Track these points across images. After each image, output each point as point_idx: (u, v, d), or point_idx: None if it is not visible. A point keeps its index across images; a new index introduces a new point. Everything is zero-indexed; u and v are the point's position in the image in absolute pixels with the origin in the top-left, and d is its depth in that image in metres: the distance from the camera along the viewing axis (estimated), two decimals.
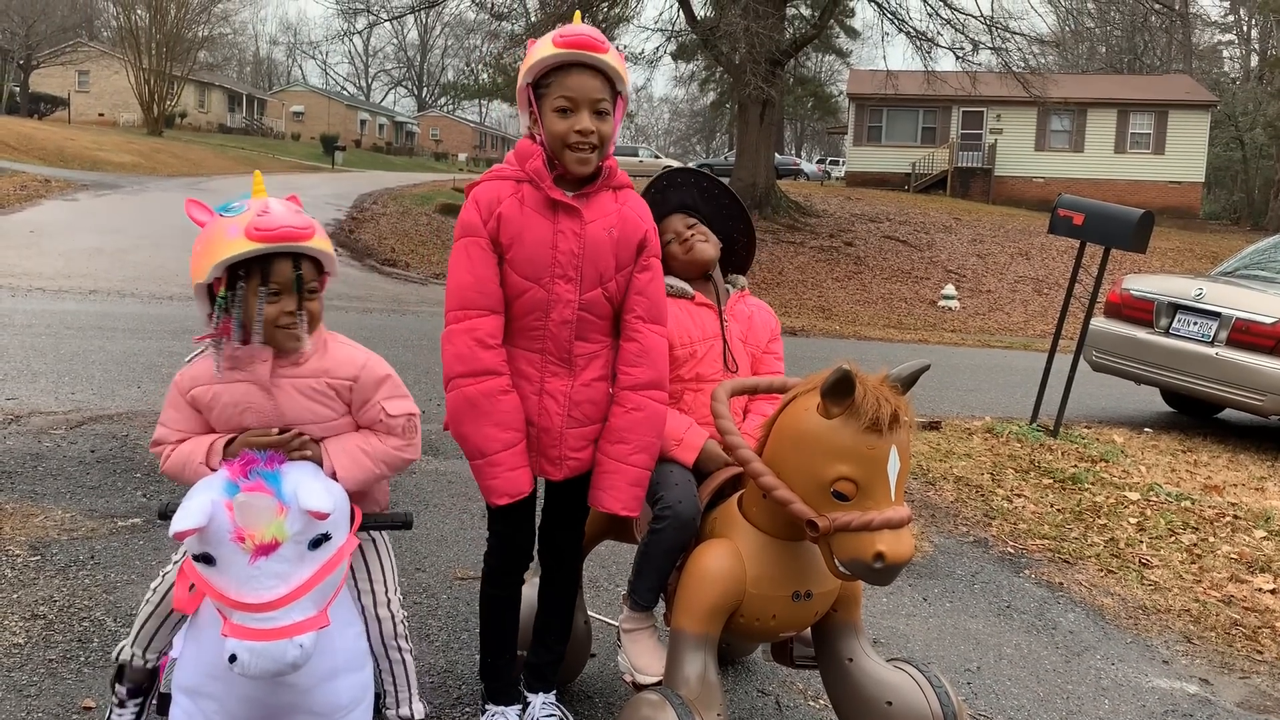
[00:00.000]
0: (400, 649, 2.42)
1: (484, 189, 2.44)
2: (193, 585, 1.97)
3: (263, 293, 2.11)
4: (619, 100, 2.43)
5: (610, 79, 2.39)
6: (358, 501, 2.22)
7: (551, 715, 2.66)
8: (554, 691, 2.74)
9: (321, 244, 2.16)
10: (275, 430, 2.17)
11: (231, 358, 2.16)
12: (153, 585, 2.35)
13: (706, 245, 2.78)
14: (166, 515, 2.11)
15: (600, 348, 2.51)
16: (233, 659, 1.88)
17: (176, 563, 2.28)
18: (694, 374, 2.72)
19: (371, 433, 2.27)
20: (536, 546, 2.70)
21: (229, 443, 2.17)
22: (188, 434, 2.23)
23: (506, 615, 2.67)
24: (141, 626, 2.34)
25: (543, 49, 2.37)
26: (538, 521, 2.67)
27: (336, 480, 2.16)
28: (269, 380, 2.17)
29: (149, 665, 2.37)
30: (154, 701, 2.45)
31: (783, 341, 2.96)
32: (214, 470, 2.10)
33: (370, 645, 2.37)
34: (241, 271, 2.09)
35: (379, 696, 2.48)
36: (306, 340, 2.15)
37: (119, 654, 2.39)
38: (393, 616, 2.39)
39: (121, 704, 2.41)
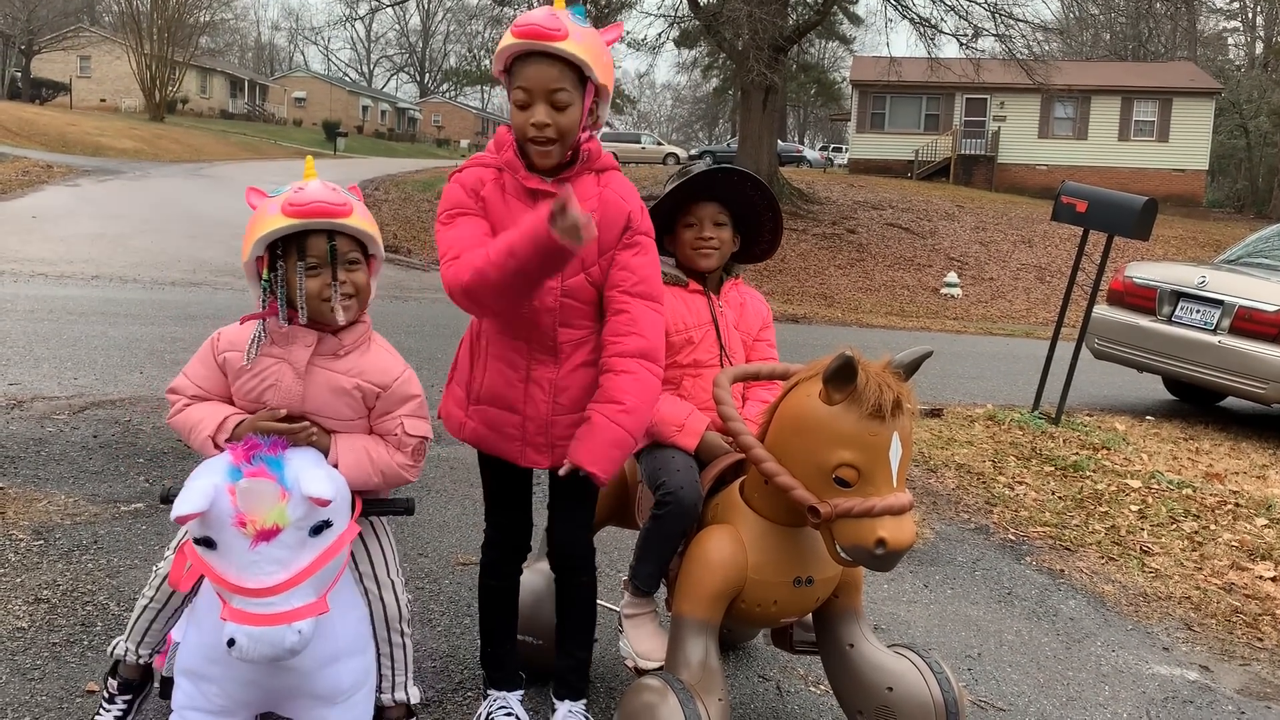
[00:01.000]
0: (402, 633, 2.43)
1: (467, 174, 2.41)
2: (189, 565, 1.98)
3: (300, 268, 2.14)
4: (589, 86, 2.30)
5: (576, 67, 2.26)
6: (357, 490, 2.23)
7: None
8: (583, 700, 2.65)
9: (360, 223, 2.19)
10: (282, 412, 2.18)
11: (276, 333, 2.20)
12: (152, 573, 2.36)
13: (711, 259, 2.76)
14: (169, 499, 2.12)
15: (586, 334, 2.45)
16: (231, 643, 1.88)
17: (172, 551, 2.29)
18: (691, 360, 2.73)
19: (382, 441, 2.29)
20: (548, 552, 2.66)
21: (239, 424, 2.18)
22: (205, 393, 2.25)
23: (506, 605, 2.65)
24: (137, 619, 2.34)
25: (505, 37, 2.31)
26: (540, 518, 2.65)
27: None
28: (303, 366, 2.20)
29: (142, 661, 2.37)
30: (144, 700, 2.45)
31: (774, 329, 2.98)
32: (220, 448, 2.11)
33: (373, 629, 2.38)
34: (279, 249, 2.15)
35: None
36: (340, 312, 2.17)
37: (113, 649, 2.39)
38: (396, 600, 2.40)
39: (110, 699, 2.41)
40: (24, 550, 3.52)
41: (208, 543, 1.93)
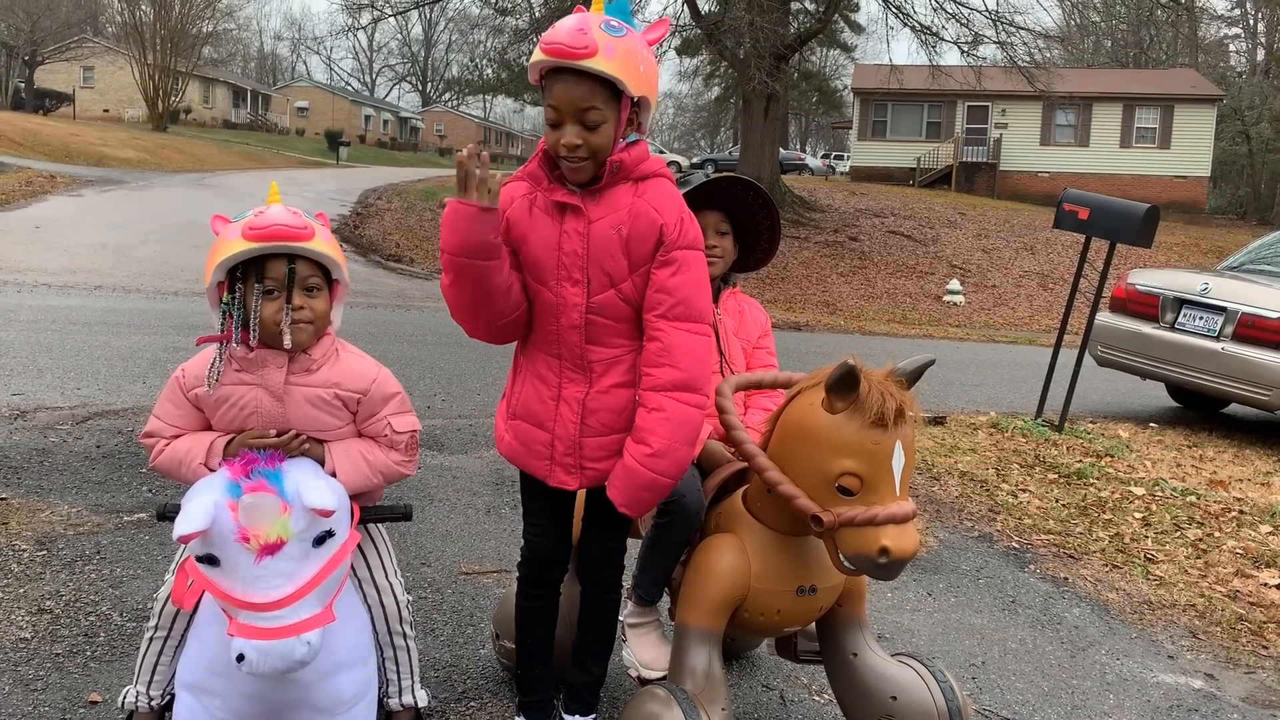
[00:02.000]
0: (405, 635, 2.44)
1: (505, 189, 2.33)
2: (191, 581, 1.98)
3: (258, 290, 2.13)
4: (624, 99, 2.17)
5: (606, 82, 2.14)
6: (354, 497, 2.23)
7: None
8: (592, 715, 2.63)
9: (322, 247, 2.17)
10: (273, 432, 2.18)
11: (243, 360, 2.17)
12: (152, 604, 2.34)
13: (715, 267, 2.75)
14: (165, 516, 2.12)
15: (622, 353, 2.33)
16: (240, 658, 1.88)
17: (172, 574, 2.27)
18: None
19: (374, 442, 2.29)
20: (577, 566, 2.63)
21: (228, 443, 2.18)
22: (183, 430, 2.23)
23: (539, 628, 2.58)
24: (144, 656, 2.32)
25: (536, 49, 2.20)
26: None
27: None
28: (281, 387, 2.18)
29: (154, 704, 2.35)
30: None
31: (775, 337, 2.99)
32: (213, 470, 2.11)
33: (374, 634, 2.38)
34: (239, 273, 2.13)
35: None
36: (288, 337, 2.15)
37: (124, 699, 2.37)
38: (396, 602, 2.41)
39: None
40: (27, 561, 3.52)
41: (210, 560, 1.93)
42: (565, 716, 2.62)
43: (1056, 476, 6.10)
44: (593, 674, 2.62)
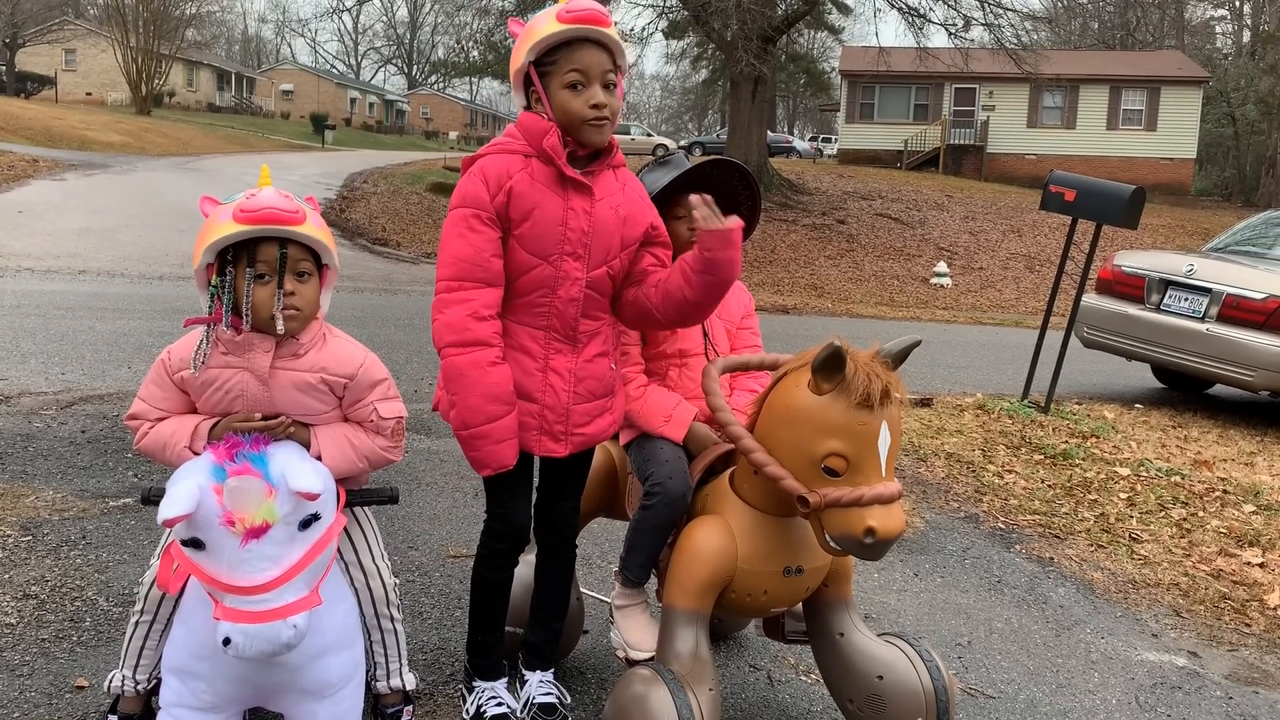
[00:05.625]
0: (392, 618, 2.44)
1: (493, 161, 2.35)
2: (176, 565, 1.98)
3: (249, 275, 2.11)
4: (619, 74, 2.39)
5: (612, 53, 2.34)
6: (339, 481, 2.23)
7: (548, 694, 2.64)
8: (552, 669, 2.72)
9: (313, 232, 2.15)
10: (259, 415, 2.17)
11: (230, 343, 2.16)
12: (137, 596, 2.33)
13: None
14: (150, 500, 2.11)
15: (601, 324, 2.49)
16: (226, 642, 1.88)
17: (157, 558, 2.27)
18: (677, 350, 2.73)
19: (360, 427, 2.29)
20: (539, 529, 2.66)
21: (213, 426, 2.17)
22: (168, 413, 2.22)
23: (499, 597, 2.63)
24: (130, 641, 2.32)
25: (546, 26, 2.29)
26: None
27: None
28: (266, 371, 2.17)
29: (140, 689, 2.34)
30: None
31: (762, 319, 2.99)
32: (197, 454, 2.10)
33: (362, 617, 2.37)
34: (230, 255, 2.12)
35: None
36: (280, 321, 2.13)
37: (110, 684, 2.37)
38: (383, 585, 2.41)
39: None
40: (12, 546, 3.50)
41: (196, 543, 1.92)
42: (527, 673, 2.68)
43: (1042, 457, 6.13)
44: (553, 629, 2.72)
